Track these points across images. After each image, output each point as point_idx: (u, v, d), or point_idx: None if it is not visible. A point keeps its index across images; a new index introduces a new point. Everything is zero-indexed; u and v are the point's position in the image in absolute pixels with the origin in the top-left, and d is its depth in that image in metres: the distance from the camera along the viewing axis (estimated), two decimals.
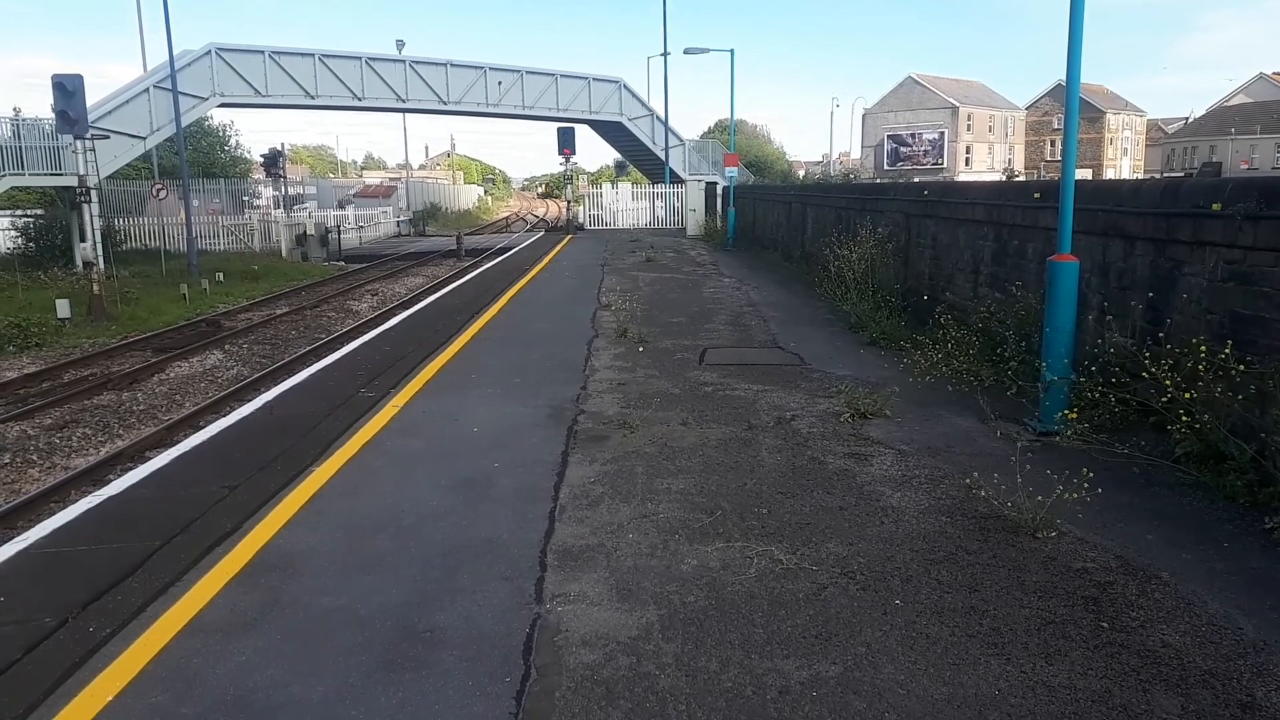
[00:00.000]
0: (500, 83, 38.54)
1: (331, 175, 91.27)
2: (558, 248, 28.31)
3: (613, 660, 3.84)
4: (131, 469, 7.41)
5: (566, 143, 35.90)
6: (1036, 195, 9.02)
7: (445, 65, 37.20)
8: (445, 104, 37.59)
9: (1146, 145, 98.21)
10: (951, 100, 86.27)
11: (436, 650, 3.94)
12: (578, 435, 7.26)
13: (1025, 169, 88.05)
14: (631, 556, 4.90)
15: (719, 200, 33.59)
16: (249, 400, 9.68)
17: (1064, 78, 6.88)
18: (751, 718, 3.41)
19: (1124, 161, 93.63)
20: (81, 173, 20.42)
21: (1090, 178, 37.62)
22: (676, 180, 39.76)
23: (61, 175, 25.36)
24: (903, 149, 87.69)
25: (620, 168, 66.80)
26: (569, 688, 3.63)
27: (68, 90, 19.45)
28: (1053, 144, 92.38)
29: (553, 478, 6.22)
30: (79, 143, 20.42)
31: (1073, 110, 6.92)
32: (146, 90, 29.25)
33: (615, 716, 3.43)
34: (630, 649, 3.93)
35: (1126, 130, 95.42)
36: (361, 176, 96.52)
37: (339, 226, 40.65)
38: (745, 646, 3.93)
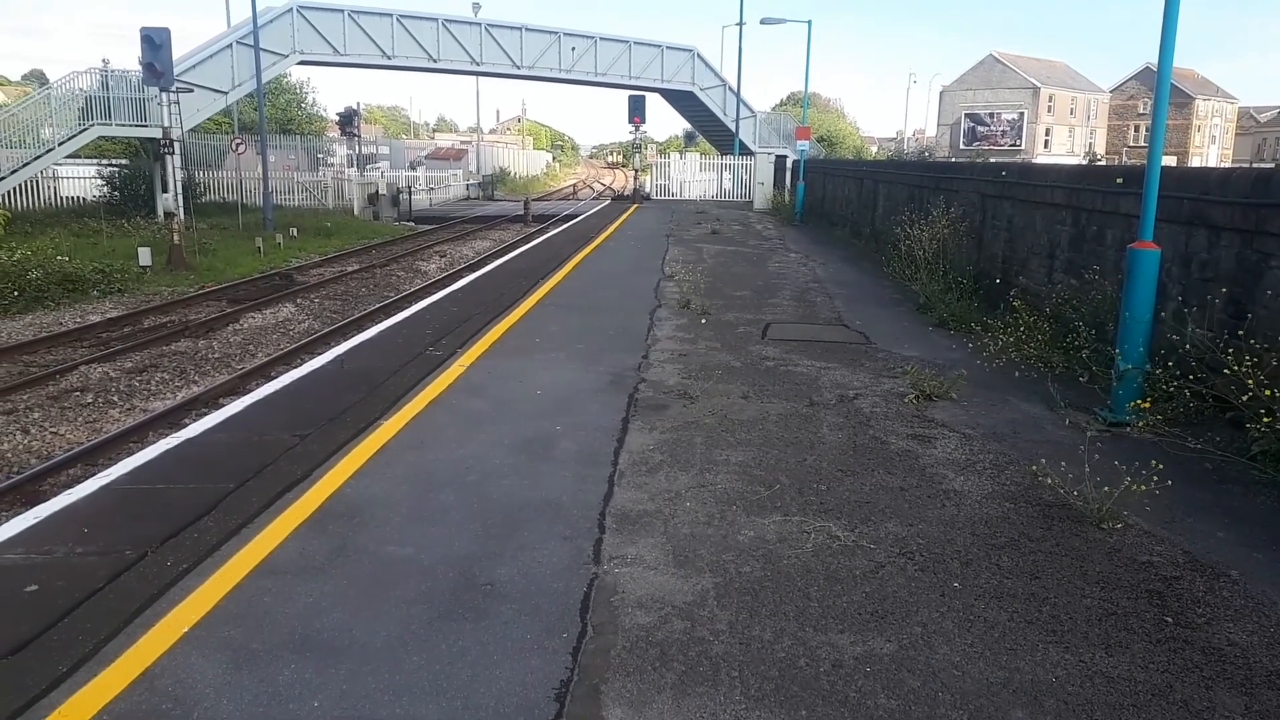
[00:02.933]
0: (574, 48, 38.48)
1: (404, 136, 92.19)
2: (623, 216, 28.32)
3: (667, 623, 3.89)
4: (207, 414, 7.66)
5: (637, 111, 35.76)
6: (1119, 181, 8.77)
7: (520, 29, 37.24)
8: (518, 68, 37.67)
9: (1236, 133, 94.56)
10: (1033, 80, 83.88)
11: (496, 603, 4.03)
12: (638, 403, 7.30)
13: (1107, 154, 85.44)
14: (689, 524, 4.94)
15: (788, 174, 33.23)
16: (320, 353, 9.92)
17: (1153, 60, 6.66)
18: (804, 689, 3.44)
19: (1212, 149, 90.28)
20: (166, 125, 20.95)
21: (1175, 165, 36.39)
22: (745, 152, 39.39)
23: (146, 126, 26.09)
24: (980, 128, 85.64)
25: (689, 138, 66.44)
26: (624, 647, 3.69)
27: (155, 44, 19.95)
28: (1137, 129, 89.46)
29: (612, 443, 6.27)
30: (164, 95, 20.95)
31: (1163, 94, 6.70)
32: (229, 46, 29.87)
33: (669, 678, 3.48)
34: (685, 614, 3.97)
35: (1216, 117, 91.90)
36: (433, 138, 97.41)
37: (410, 187, 41.14)
38: (800, 619, 3.95)
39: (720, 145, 45.31)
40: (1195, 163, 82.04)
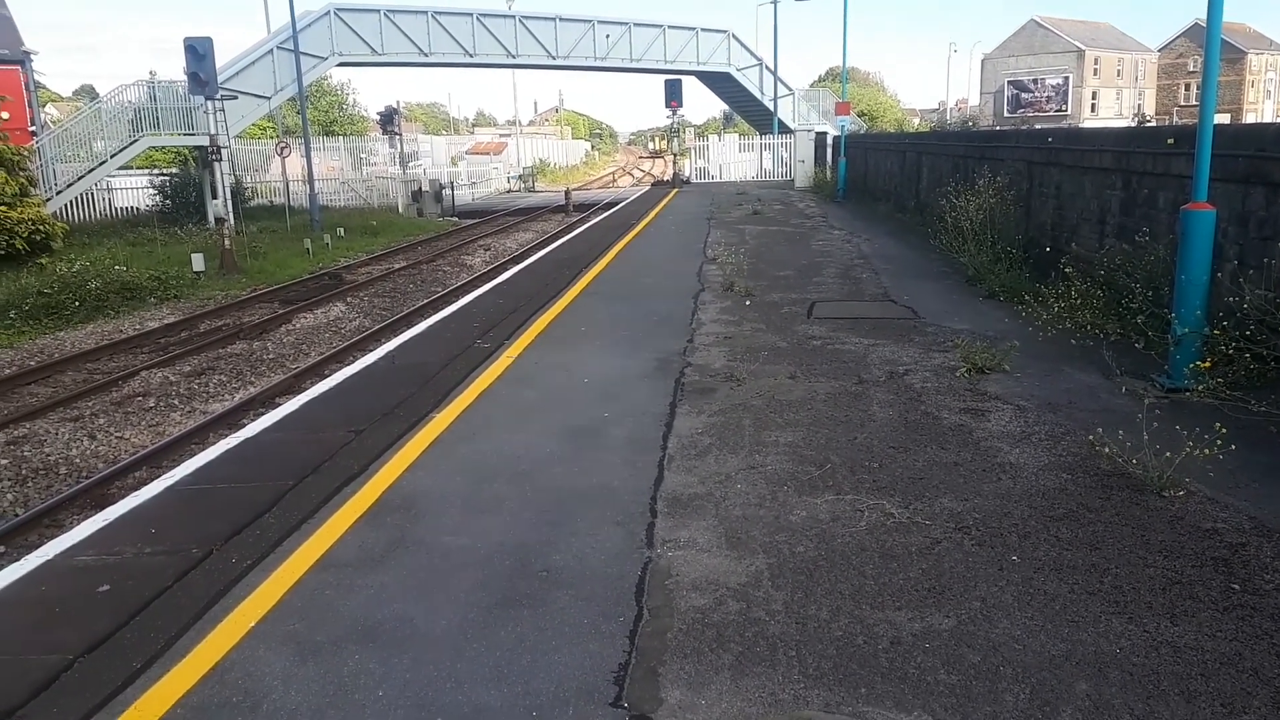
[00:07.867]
0: (608, 35, 38.34)
1: (444, 132, 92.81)
2: (664, 202, 28.25)
3: (723, 605, 3.90)
4: (264, 414, 7.82)
5: (674, 95, 35.60)
6: (1170, 141, 8.55)
7: (554, 20, 37.21)
8: (554, 58, 37.66)
9: None
10: (1077, 43, 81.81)
11: (553, 589, 4.08)
12: (685, 387, 7.31)
13: (1156, 114, 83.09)
14: (740, 506, 4.94)
15: (829, 151, 32.84)
16: (371, 350, 10.06)
17: (1202, 16, 6.47)
18: (863, 666, 3.43)
19: (1266, 105, 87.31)
20: (212, 132, 21.34)
21: (1228, 122, 35.36)
22: (785, 131, 39.05)
23: (194, 135, 26.57)
24: (1024, 95, 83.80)
25: (727, 119, 66.05)
26: (680, 630, 3.71)
27: (199, 53, 20.27)
28: (1187, 88, 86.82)
29: (661, 428, 6.29)
30: (209, 103, 21.33)
31: (1213, 49, 6.51)
32: (270, 52, 30.24)
33: (726, 660, 3.50)
34: (740, 595, 3.98)
35: (1270, 72, 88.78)
36: (473, 133, 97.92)
37: (452, 183, 41.47)
38: (856, 597, 3.94)
39: (759, 125, 44.94)
40: (1249, 119, 79.46)
